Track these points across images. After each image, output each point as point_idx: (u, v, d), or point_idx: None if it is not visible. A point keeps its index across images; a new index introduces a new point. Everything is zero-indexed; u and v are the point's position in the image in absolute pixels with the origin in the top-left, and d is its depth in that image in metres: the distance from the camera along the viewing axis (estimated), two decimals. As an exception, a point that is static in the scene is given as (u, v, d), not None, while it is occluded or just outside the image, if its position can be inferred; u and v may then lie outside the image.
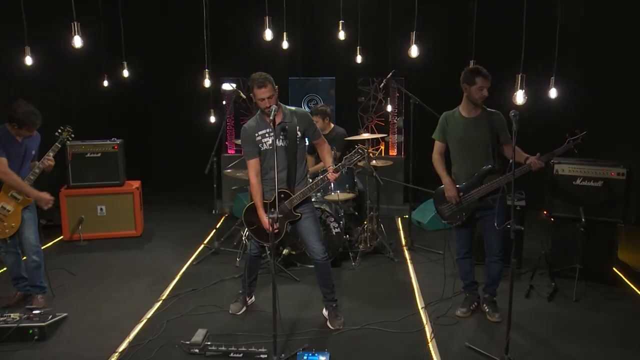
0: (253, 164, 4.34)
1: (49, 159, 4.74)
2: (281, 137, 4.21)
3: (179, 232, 7.22)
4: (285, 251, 5.70)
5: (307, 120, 4.39)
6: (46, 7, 6.98)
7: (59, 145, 4.85)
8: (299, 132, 4.31)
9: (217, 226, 6.93)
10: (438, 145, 4.59)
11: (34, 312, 4.46)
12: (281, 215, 4.17)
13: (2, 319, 4.29)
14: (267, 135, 4.28)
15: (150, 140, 9.34)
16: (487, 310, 4.62)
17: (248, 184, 6.31)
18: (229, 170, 6.81)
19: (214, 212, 8.04)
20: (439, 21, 7.79)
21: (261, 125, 4.31)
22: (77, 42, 4.25)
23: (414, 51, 4.78)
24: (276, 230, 3.91)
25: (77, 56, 7.45)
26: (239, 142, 6.99)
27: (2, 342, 4.16)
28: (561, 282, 5.21)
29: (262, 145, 4.30)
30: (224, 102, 8.24)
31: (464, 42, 6.47)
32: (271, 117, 3.88)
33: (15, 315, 4.36)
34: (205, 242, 6.72)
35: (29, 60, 5.52)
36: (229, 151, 8.24)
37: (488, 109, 4.41)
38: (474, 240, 4.64)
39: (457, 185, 4.47)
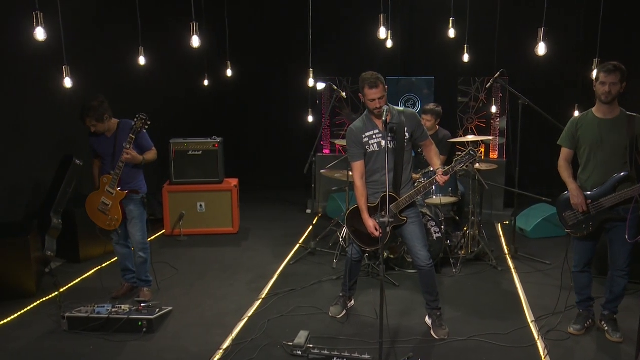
0: (359, 166, 4.24)
1: (125, 152, 4.64)
2: (389, 138, 4.08)
3: (274, 230, 7.27)
4: (384, 255, 5.56)
5: (415, 121, 4.25)
6: (154, 10, 7.24)
7: (133, 137, 4.65)
8: (407, 134, 4.17)
9: (312, 226, 6.92)
10: (565, 152, 4.24)
11: (142, 304, 4.59)
12: (392, 220, 4.05)
13: (114, 310, 4.45)
14: (374, 136, 4.17)
15: (246, 138, 9.51)
16: (607, 328, 4.27)
17: (346, 185, 6.30)
18: (324, 171, 6.76)
19: (308, 211, 8.08)
20: (554, 18, 7.43)
21: (368, 127, 4.20)
22: (195, 41, 4.32)
23: (541, 49, 4.47)
24: (381, 234, 3.80)
25: (182, 55, 7.72)
26: (338, 142, 6.95)
27: (113, 332, 4.32)
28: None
29: (369, 147, 4.19)
30: (316, 102, 8.23)
31: (584, 40, 6.09)
32: (383, 119, 3.77)
33: (125, 307, 4.51)
34: (301, 241, 6.72)
35: (142, 60, 5.72)
36: (324, 151, 8.21)
37: (627, 112, 4.03)
38: (595, 252, 4.30)
39: (586, 193, 4.13)
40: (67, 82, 4.49)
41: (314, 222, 7.01)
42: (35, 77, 5.92)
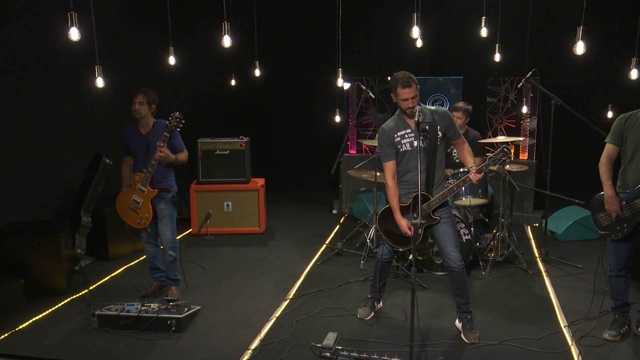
0: (390, 166, 4.20)
1: (159, 149, 4.66)
2: (421, 137, 4.03)
3: (300, 231, 7.26)
4: (411, 257, 5.51)
5: (448, 119, 4.20)
6: (184, 10, 7.30)
7: (167, 135, 4.69)
8: (439, 132, 4.13)
9: (338, 227, 6.88)
10: (610, 149, 4.13)
11: (171, 303, 4.60)
12: (424, 222, 4.00)
13: (143, 308, 4.47)
14: (406, 136, 4.13)
15: (272, 138, 9.51)
16: (644, 334, 4.17)
17: (374, 186, 6.25)
18: (351, 171, 6.72)
19: (333, 212, 8.05)
20: (589, 16, 7.31)
21: (400, 126, 4.16)
22: (227, 41, 4.31)
23: (579, 48, 4.36)
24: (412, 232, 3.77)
25: (210, 55, 7.75)
26: (366, 142, 6.89)
27: (143, 331, 4.34)
28: None
29: (401, 147, 4.15)
30: (342, 102, 8.19)
31: (620, 40, 5.95)
32: (415, 118, 3.73)
33: (154, 306, 4.53)
34: (327, 242, 6.69)
35: (172, 60, 5.75)
36: (351, 151, 8.16)
37: None
38: (632, 256, 4.19)
39: (621, 194, 4.02)
40: (99, 82, 4.53)
41: (340, 222, 6.96)
42: (67, 77, 6.00)
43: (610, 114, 6.88)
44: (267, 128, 9.47)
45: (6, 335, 4.35)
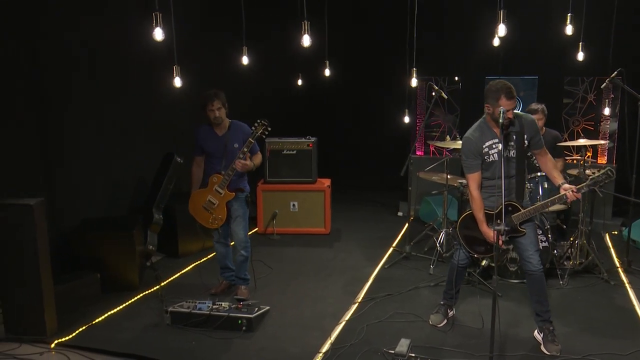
0: (476, 178, 4.06)
1: (242, 163, 4.70)
2: (509, 147, 3.88)
3: (366, 232, 7.16)
4: (484, 262, 5.33)
5: (534, 127, 4.04)
6: (256, 9, 7.33)
7: (252, 141, 4.71)
8: (526, 141, 3.96)
9: (405, 229, 6.75)
10: None
11: (241, 303, 4.62)
12: (507, 228, 3.84)
13: (214, 307, 4.50)
14: (494, 146, 3.99)
15: (338, 138, 9.44)
16: None
17: (444, 188, 6.09)
18: (421, 173, 6.56)
19: (399, 214, 7.92)
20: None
21: (487, 135, 4.01)
22: (306, 40, 4.27)
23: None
24: (501, 244, 3.63)
25: (278, 55, 7.75)
26: (440, 144, 6.70)
27: (214, 329, 4.36)
28: None
29: (489, 157, 4.00)
30: (410, 102, 8.04)
31: None
32: (501, 120, 3.58)
33: (225, 305, 4.55)
34: (394, 245, 6.57)
35: (245, 60, 5.78)
36: (418, 152, 7.99)
37: None
38: None
39: None
40: (177, 82, 4.59)
41: (406, 225, 6.83)
42: (143, 76, 6.14)
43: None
44: (334, 128, 9.40)
45: (84, 328, 4.47)
